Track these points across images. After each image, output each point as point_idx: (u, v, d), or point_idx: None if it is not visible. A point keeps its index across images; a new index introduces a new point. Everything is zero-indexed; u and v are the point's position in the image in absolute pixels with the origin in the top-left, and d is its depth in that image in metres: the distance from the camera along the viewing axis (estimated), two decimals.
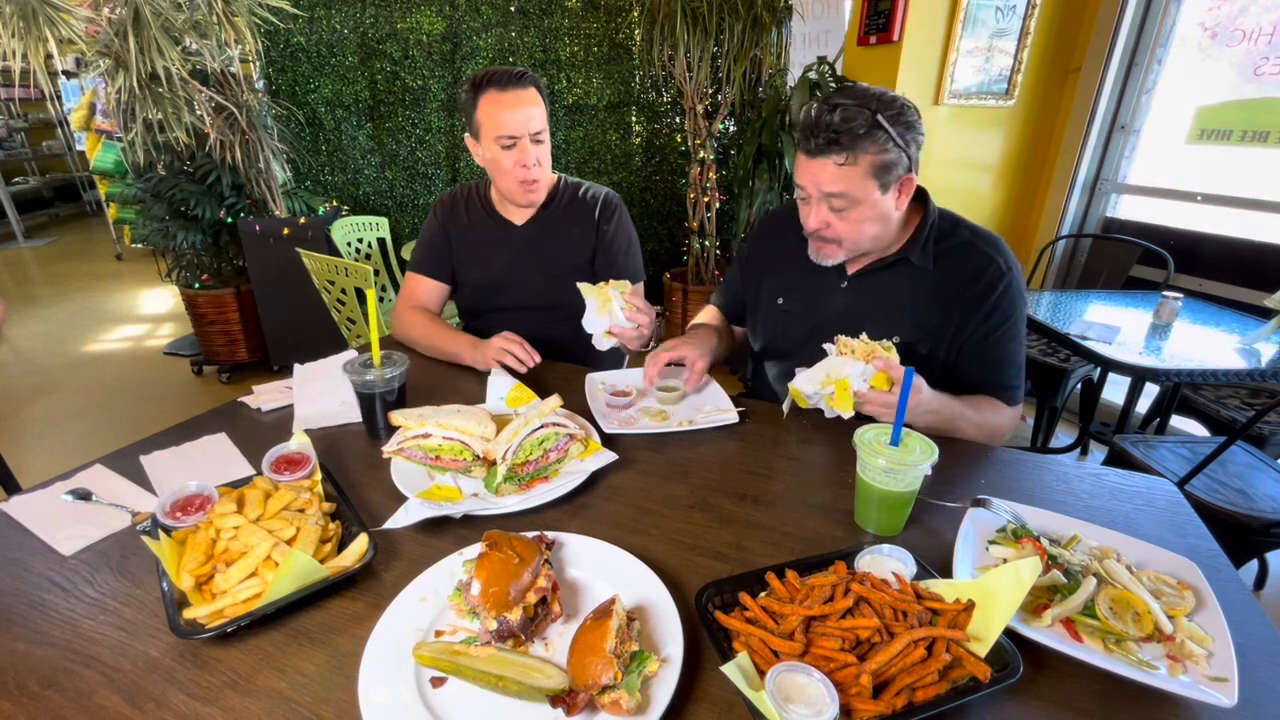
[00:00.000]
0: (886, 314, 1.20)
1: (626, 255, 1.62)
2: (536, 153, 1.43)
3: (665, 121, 3.94)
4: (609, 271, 1.60)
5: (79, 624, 0.75)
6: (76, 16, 2.45)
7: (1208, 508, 1.62)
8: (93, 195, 8.09)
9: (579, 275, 1.54)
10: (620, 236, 1.61)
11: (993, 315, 1.14)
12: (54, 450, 2.91)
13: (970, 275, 1.15)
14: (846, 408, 1.02)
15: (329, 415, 1.21)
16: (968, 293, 1.15)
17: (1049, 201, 3.11)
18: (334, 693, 0.66)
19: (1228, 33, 2.59)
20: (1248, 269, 2.58)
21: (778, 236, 1.37)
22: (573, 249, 1.59)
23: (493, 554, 0.74)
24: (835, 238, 1.13)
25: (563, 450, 1.04)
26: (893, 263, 1.19)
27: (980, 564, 0.80)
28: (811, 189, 1.09)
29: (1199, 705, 0.64)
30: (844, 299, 1.25)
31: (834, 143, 1.02)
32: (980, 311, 1.14)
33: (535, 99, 1.41)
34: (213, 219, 3.27)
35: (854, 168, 1.04)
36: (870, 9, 2.69)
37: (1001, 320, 1.15)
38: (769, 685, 0.58)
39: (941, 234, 1.18)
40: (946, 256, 1.16)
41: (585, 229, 1.59)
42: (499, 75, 1.39)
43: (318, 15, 3.61)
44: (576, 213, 1.59)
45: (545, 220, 1.58)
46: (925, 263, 1.16)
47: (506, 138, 1.40)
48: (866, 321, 1.17)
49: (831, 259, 1.17)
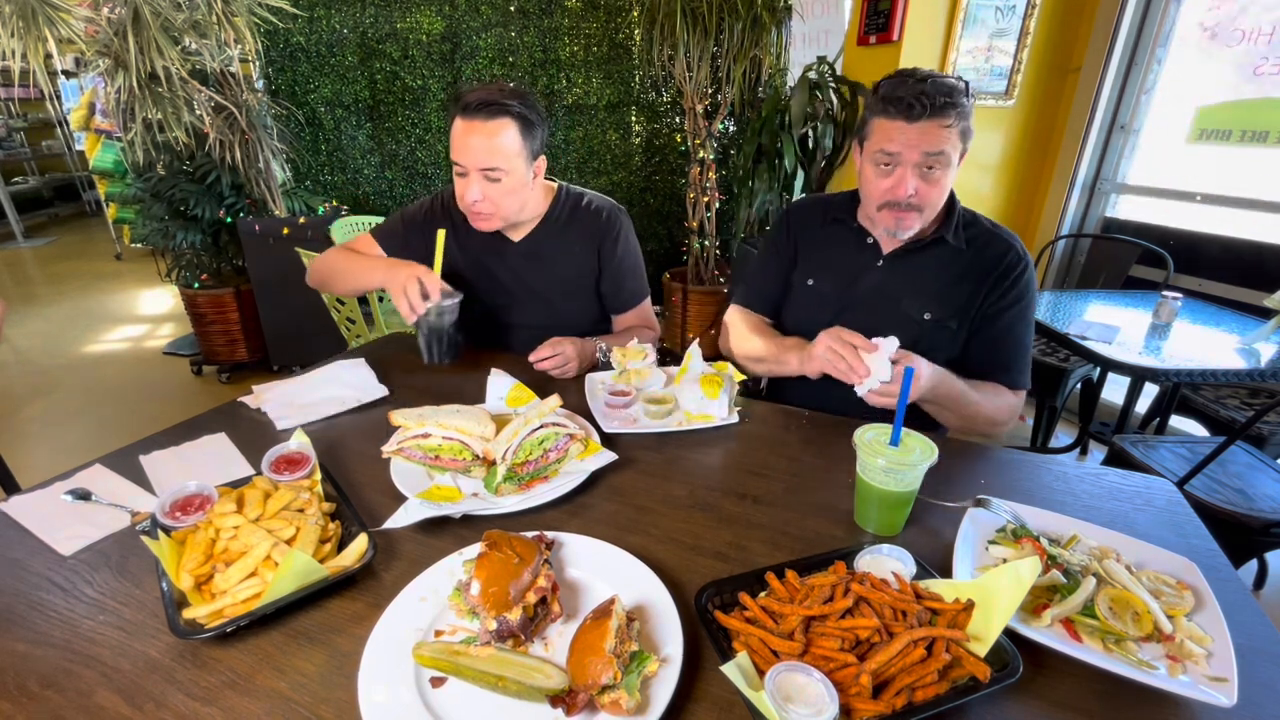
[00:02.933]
0: (919, 292, 1.27)
1: (632, 276, 1.57)
2: (485, 189, 1.32)
3: (665, 121, 3.94)
4: (616, 293, 1.56)
5: (79, 624, 0.75)
6: (76, 16, 2.45)
7: (1207, 508, 1.62)
8: (92, 195, 8.08)
9: (581, 293, 1.54)
10: (627, 258, 1.55)
11: (1009, 294, 1.23)
12: (54, 450, 2.90)
13: (996, 257, 1.24)
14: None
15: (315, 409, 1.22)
16: (993, 273, 1.23)
17: (1048, 201, 3.11)
18: (334, 693, 0.66)
19: (1227, 33, 2.59)
20: (1247, 269, 2.58)
21: (806, 225, 1.41)
22: (574, 267, 1.52)
23: (492, 554, 0.74)
24: (920, 204, 1.17)
25: (562, 450, 1.04)
26: (930, 243, 1.26)
27: (980, 564, 0.80)
28: (911, 153, 1.13)
29: (1199, 705, 0.64)
30: (879, 276, 1.31)
31: (951, 104, 1.10)
32: (1000, 289, 1.23)
33: (499, 133, 1.28)
34: (212, 219, 3.27)
35: (955, 130, 1.12)
36: (870, 9, 2.69)
37: (1016, 300, 1.23)
38: (769, 685, 0.58)
39: (966, 222, 1.27)
40: (975, 241, 1.26)
41: (587, 247, 1.51)
42: (470, 100, 1.28)
43: (318, 15, 3.61)
44: (577, 228, 1.50)
45: (543, 235, 1.50)
46: (959, 243, 1.25)
47: (456, 166, 1.33)
48: (900, 298, 1.27)
49: (909, 230, 1.21)
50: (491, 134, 1.28)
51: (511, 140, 1.30)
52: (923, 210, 1.18)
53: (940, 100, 1.09)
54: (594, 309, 1.59)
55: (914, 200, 1.16)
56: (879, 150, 1.16)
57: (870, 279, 1.31)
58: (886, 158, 1.16)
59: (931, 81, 1.10)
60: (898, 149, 1.14)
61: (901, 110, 1.11)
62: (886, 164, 1.17)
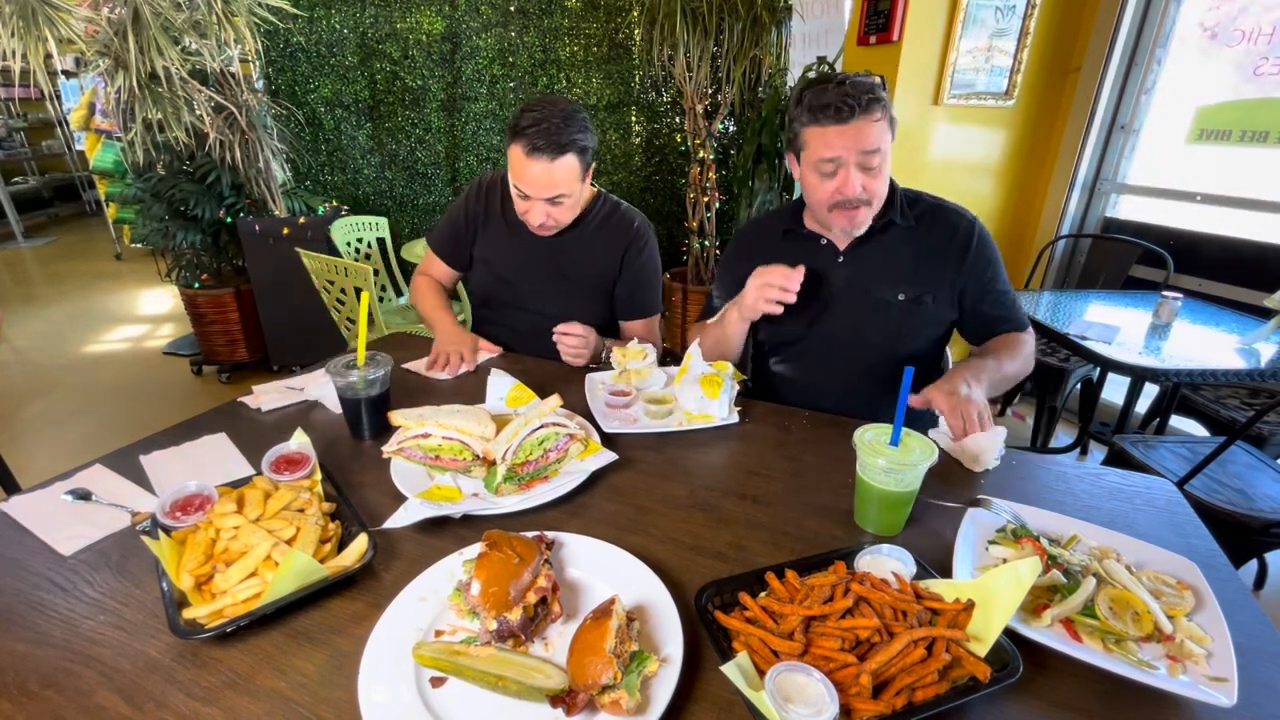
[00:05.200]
0: (885, 276, 1.32)
1: (649, 287, 1.65)
2: (549, 211, 1.41)
3: (665, 121, 3.94)
4: (629, 299, 1.63)
5: (79, 624, 0.75)
6: (76, 16, 2.45)
7: (1207, 508, 1.62)
8: (92, 195, 8.08)
9: (598, 292, 1.61)
10: (647, 269, 1.62)
11: (979, 261, 1.30)
12: (54, 450, 2.90)
13: (948, 230, 1.31)
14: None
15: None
16: (950, 245, 1.30)
17: (1049, 201, 3.11)
18: (334, 693, 0.66)
19: (1227, 33, 2.59)
20: (1247, 269, 2.58)
21: (760, 246, 1.43)
22: (597, 267, 1.59)
23: (493, 554, 0.74)
24: (868, 198, 1.23)
25: (563, 450, 1.04)
26: (880, 229, 1.32)
27: (980, 564, 0.80)
28: (849, 154, 1.18)
29: (1199, 705, 0.64)
30: (844, 272, 1.35)
31: (875, 99, 1.16)
32: (967, 260, 1.29)
33: (561, 168, 1.34)
34: (212, 219, 3.27)
35: (885, 123, 1.18)
36: (870, 9, 2.69)
37: (986, 263, 1.31)
38: (769, 685, 0.58)
39: (909, 202, 1.33)
40: (923, 218, 1.32)
41: (612, 252, 1.58)
42: (534, 136, 1.31)
43: (318, 15, 3.61)
44: (608, 233, 1.59)
45: (577, 233, 1.57)
46: (909, 221, 1.31)
47: (519, 190, 1.40)
48: (869, 288, 1.32)
49: (862, 225, 1.27)
50: (555, 170, 1.35)
51: (572, 169, 1.37)
52: (871, 203, 1.24)
53: (865, 99, 1.15)
54: (603, 312, 1.64)
55: (863, 196, 1.22)
56: (820, 159, 1.21)
57: (836, 278, 1.35)
58: (829, 164, 1.20)
59: (851, 83, 1.16)
60: (837, 153, 1.19)
61: (832, 116, 1.16)
62: (829, 169, 1.21)
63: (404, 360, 1.47)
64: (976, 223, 1.32)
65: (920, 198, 1.35)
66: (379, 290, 3.27)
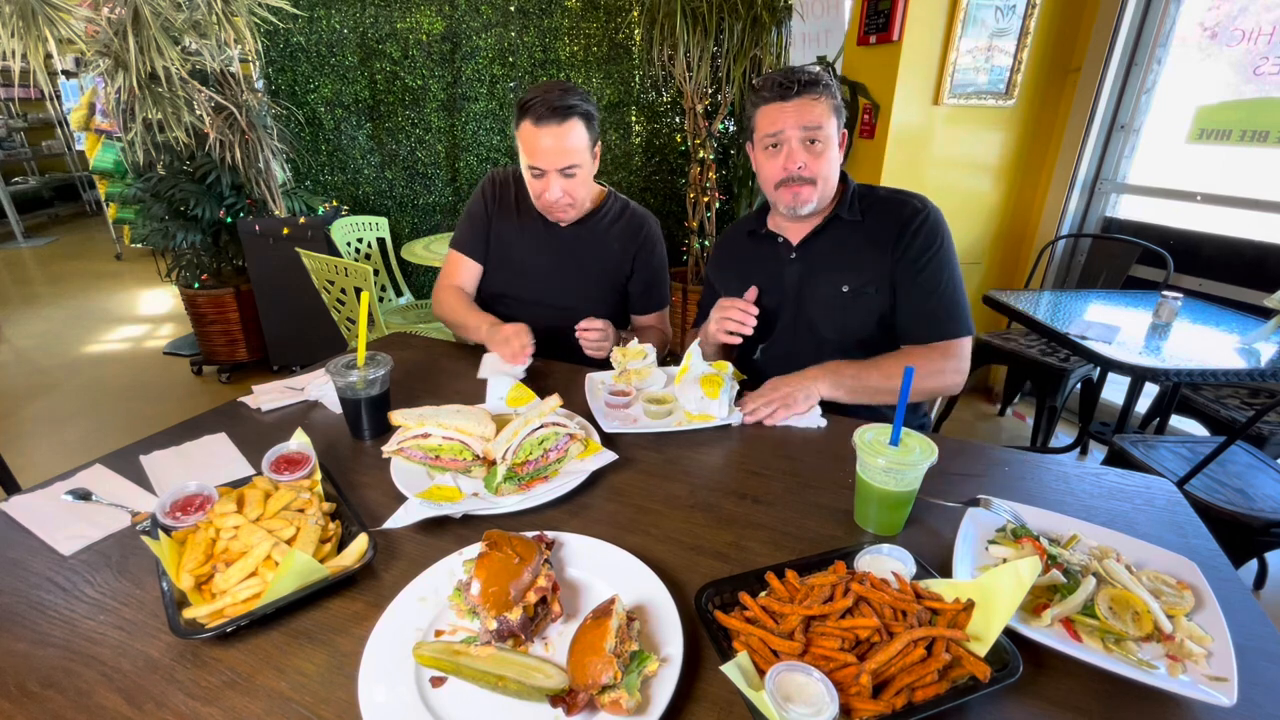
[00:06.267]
0: (831, 267, 1.35)
1: (661, 284, 1.70)
2: (564, 185, 1.44)
3: (665, 121, 3.94)
4: (643, 295, 1.68)
5: (79, 624, 0.75)
6: (76, 16, 2.45)
7: (1207, 507, 1.62)
8: (92, 195, 8.09)
9: (608, 288, 1.65)
10: (661, 267, 1.68)
11: (915, 244, 1.28)
12: (54, 450, 2.91)
13: (892, 219, 1.31)
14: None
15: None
16: (894, 231, 1.30)
17: (1049, 201, 3.11)
18: (334, 692, 0.66)
19: (1227, 33, 2.59)
20: (1248, 269, 2.58)
21: (729, 247, 1.56)
22: (610, 263, 1.63)
23: (493, 554, 0.74)
24: (812, 176, 1.27)
25: (562, 450, 1.04)
26: (827, 223, 1.35)
27: (980, 564, 0.80)
28: (792, 130, 1.25)
29: (1198, 705, 0.64)
30: (797, 268, 1.39)
31: (814, 82, 1.24)
32: (904, 243, 1.29)
33: (570, 133, 1.39)
34: (212, 219, 3.27)
35: (828, 104, 1.25)
36: (870, 9, 2.69)
37: (926, 247, 1.28)
38: (769, 685, 0.58)
39: (862, 196, 1.36)
40: (870, 210, 1.35)
41: (625, 249, 1.62)
42: (539, 106, 1.36)
43: (317, 15, 3.61)
44: (620, 230, 1.62)
45: (590, 228, 1.61)
46: (854, 215, 1.34)
47: (533, 169, 1.43)
48: (818, 280, 1.36)
49: (808, 204, 1.30)
50: (565, 135, 1.38)
51: (581, 136, 1.41)
52: (815, 183, 1.28)
53: (806, 78, 1.24)
54: (612, 307, 1.67)
55: (804, 172, 1.26)
56: (765, 135, 1.28)
57: (790, 274, 1.39)
58: (772, 139, 1.27)
59: (797, 69, 1.26)
60: (780, 126, 1.25)
61: (776, 92, 1.25)
62: (774, 144, 1.28)
63: (403, 360, 1.47)
64: (927, 210, 1.30)
65: (873, 191, 1.37)
66: (379, 290, 3.27)
